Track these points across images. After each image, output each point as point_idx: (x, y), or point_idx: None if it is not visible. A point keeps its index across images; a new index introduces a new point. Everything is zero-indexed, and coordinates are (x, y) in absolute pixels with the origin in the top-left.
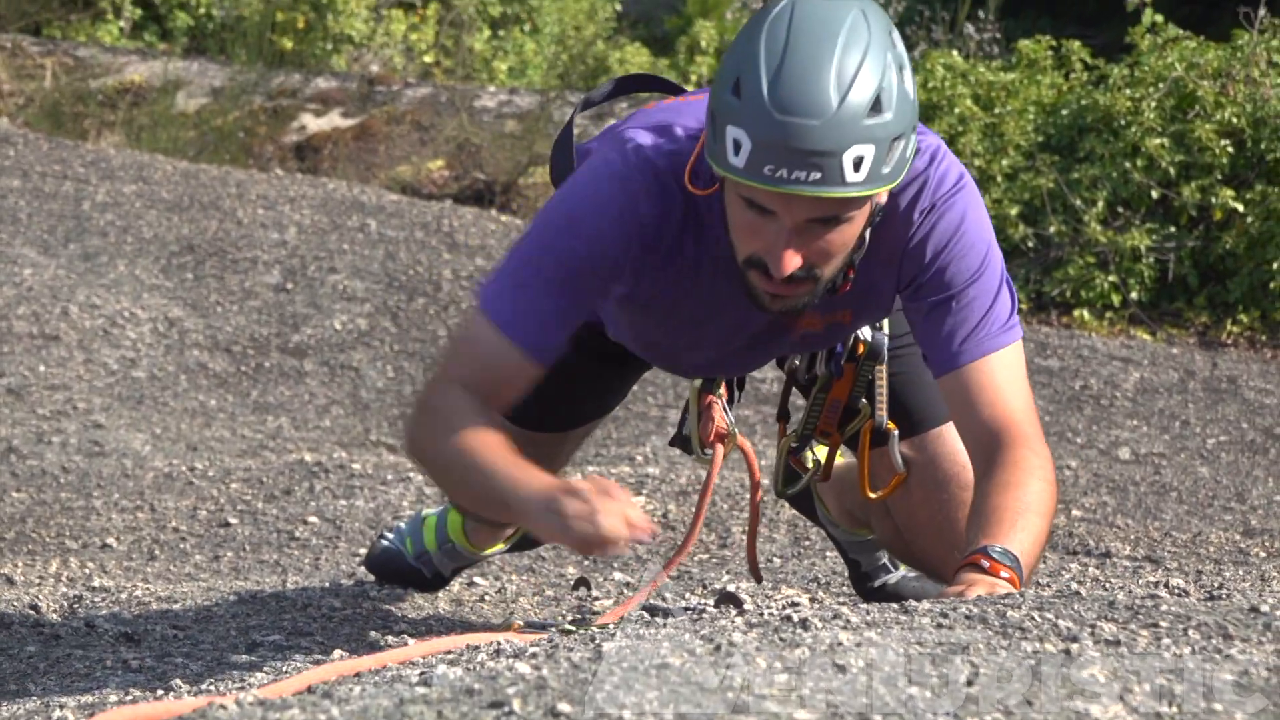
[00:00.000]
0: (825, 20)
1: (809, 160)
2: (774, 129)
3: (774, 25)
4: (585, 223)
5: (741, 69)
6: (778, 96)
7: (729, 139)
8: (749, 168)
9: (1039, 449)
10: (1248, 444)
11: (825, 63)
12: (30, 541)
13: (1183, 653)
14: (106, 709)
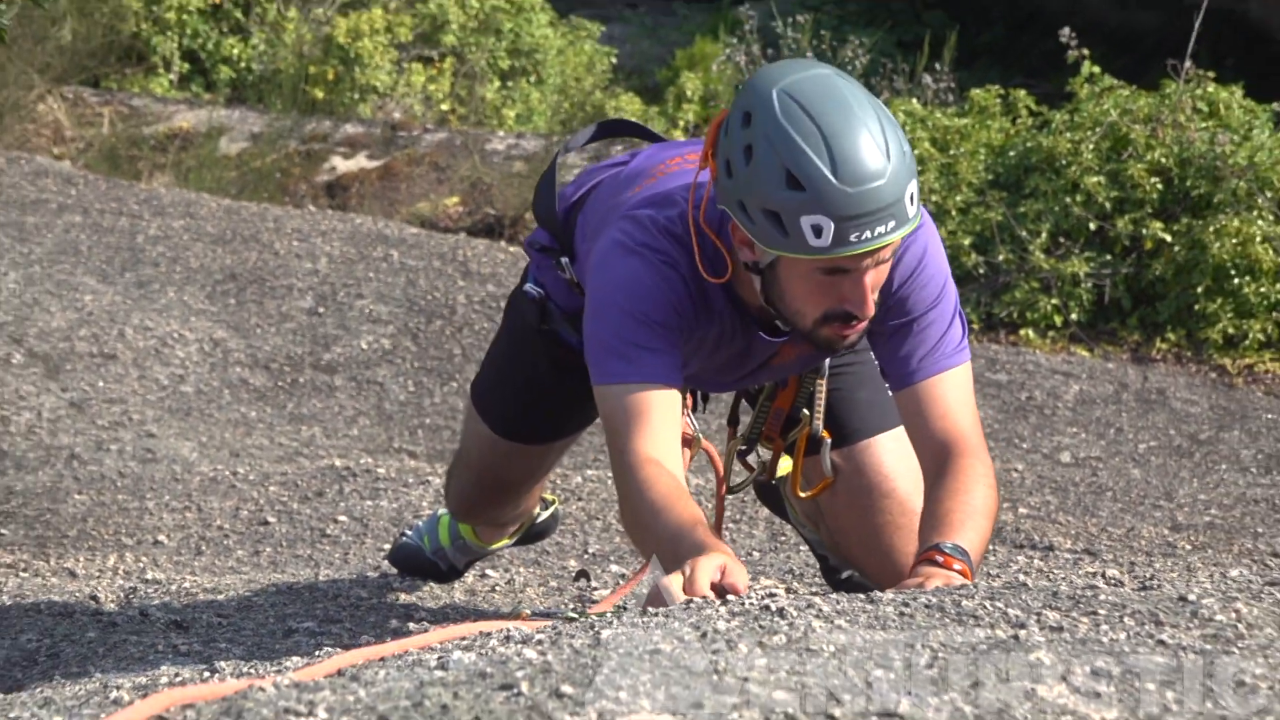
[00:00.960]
0: (826, 91)
1: (886, 214)
2: (852, 203)
3: (788, 113)
4: (638, 292)
5: (790, 162)
6: (844, 174)
7: (805, 227)
8: (836, 243)
9: (983, 458)
10: (1175, 449)
11: (859, 127)
12: (90, 538)
13: (1119, 637)
14: (158, 690)
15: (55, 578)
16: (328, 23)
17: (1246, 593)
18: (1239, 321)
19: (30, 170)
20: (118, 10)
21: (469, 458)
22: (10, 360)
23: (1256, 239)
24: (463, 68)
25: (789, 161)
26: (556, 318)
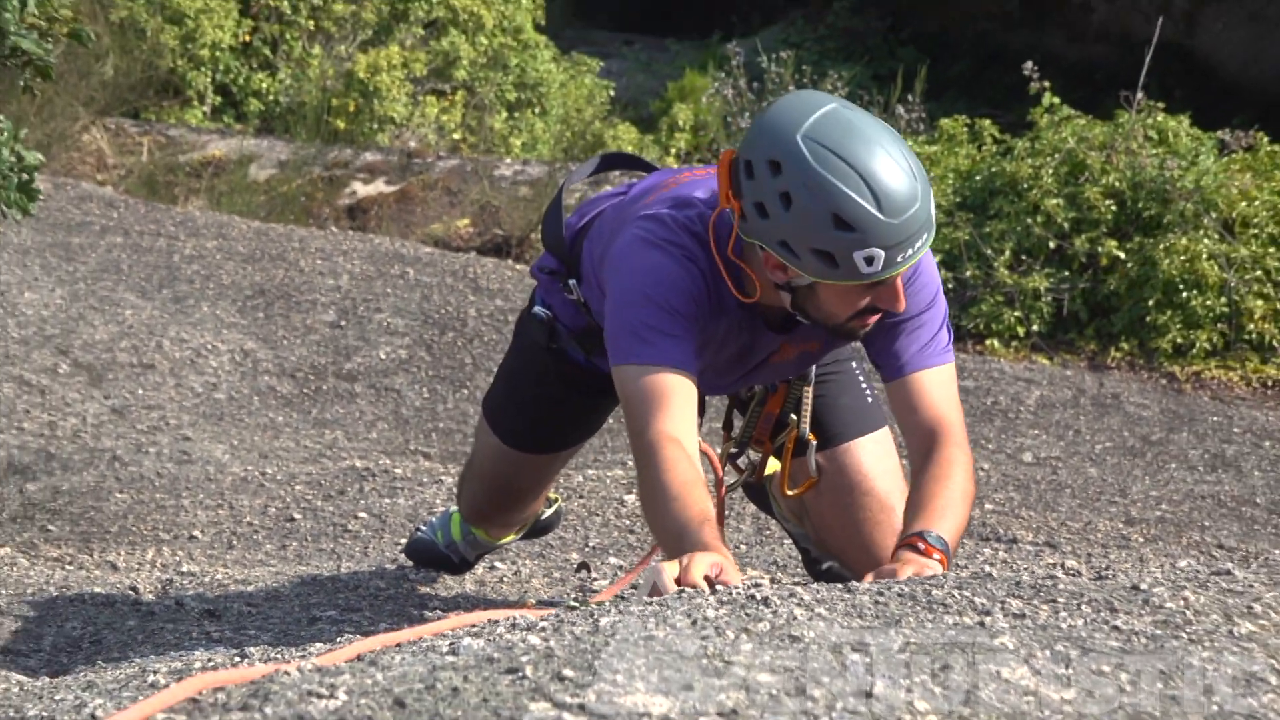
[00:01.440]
0: (849, 130)
1: (924, 229)
2: (899, 230)
3: (823, 161)
4: (662, 280)
5: (834, 207)
6: (888, 208)
7: (858, 259)
8: (887, 266)
9: (965, 448)
10: (1129, 449)
11: (886, 159)
12: (131, 534)
13: (1077, 623)
14: (192, 674)
15: (98, 570)
16: (349, 59)
17: (1194, 582)
18: (1187, 332)
19: (76, 195)
20: (156, 48)
21: (480, 467)
22: (57, 370)
23: (1203, 256)
24: (473, 100)
25: (835, 207)
26: (564, 337)
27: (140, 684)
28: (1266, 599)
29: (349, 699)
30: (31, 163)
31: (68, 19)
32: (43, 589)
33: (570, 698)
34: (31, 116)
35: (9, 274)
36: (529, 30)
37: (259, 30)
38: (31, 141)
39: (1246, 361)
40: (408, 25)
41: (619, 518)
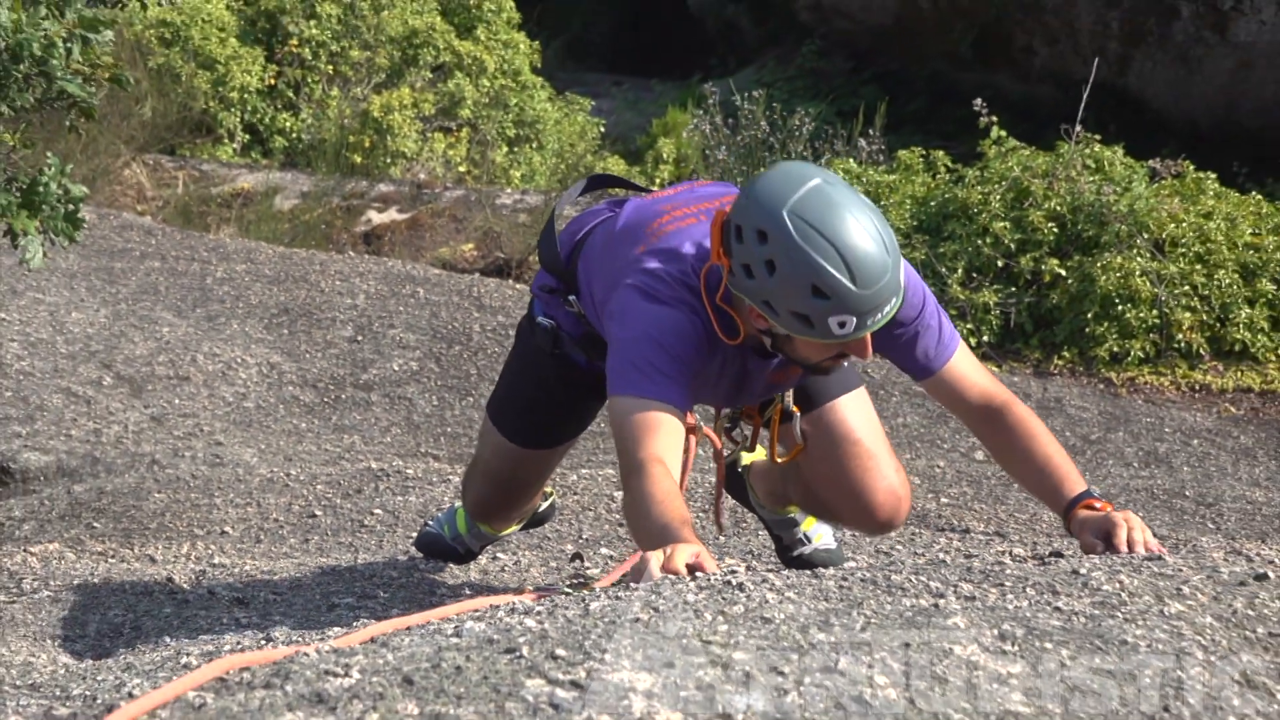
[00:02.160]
0: (829, 206)
1: (892, 295)
2: (870, 300)
3: (805, 236)
4: (666, 328)
5: (813, 278)
6: (861, 280)
7: (832, 323)
8: (858, 329)
9: (1018, 401)
10: (1070, 447)
11: (862, 234)
12: (168, 530)
13: (1022, 605)
14: (221, 656)
15: (138, 563)
16: (364, 100)
17: (1129, 567)
18: (1122, 341)
19: (118, 224)
20: (190, 91)
21: (486, 466)
22: (101, 382)
23: (1136, 273)
24: (476, 136)
25: (813, 278)
26: (568, 343)
27: (174, 665)
28: (1194, 581)
29: (362, 677)
30: (77, 195)
31: (109, 65)
32: (88, 580)
33: (563, 675)
34: (78, 154)
35: (57, 295)
36: (527, 73)
37: (283, 74)
38: (78, 176)
39: (1176, 368)
40: (417, 69)
41: (609, 512)
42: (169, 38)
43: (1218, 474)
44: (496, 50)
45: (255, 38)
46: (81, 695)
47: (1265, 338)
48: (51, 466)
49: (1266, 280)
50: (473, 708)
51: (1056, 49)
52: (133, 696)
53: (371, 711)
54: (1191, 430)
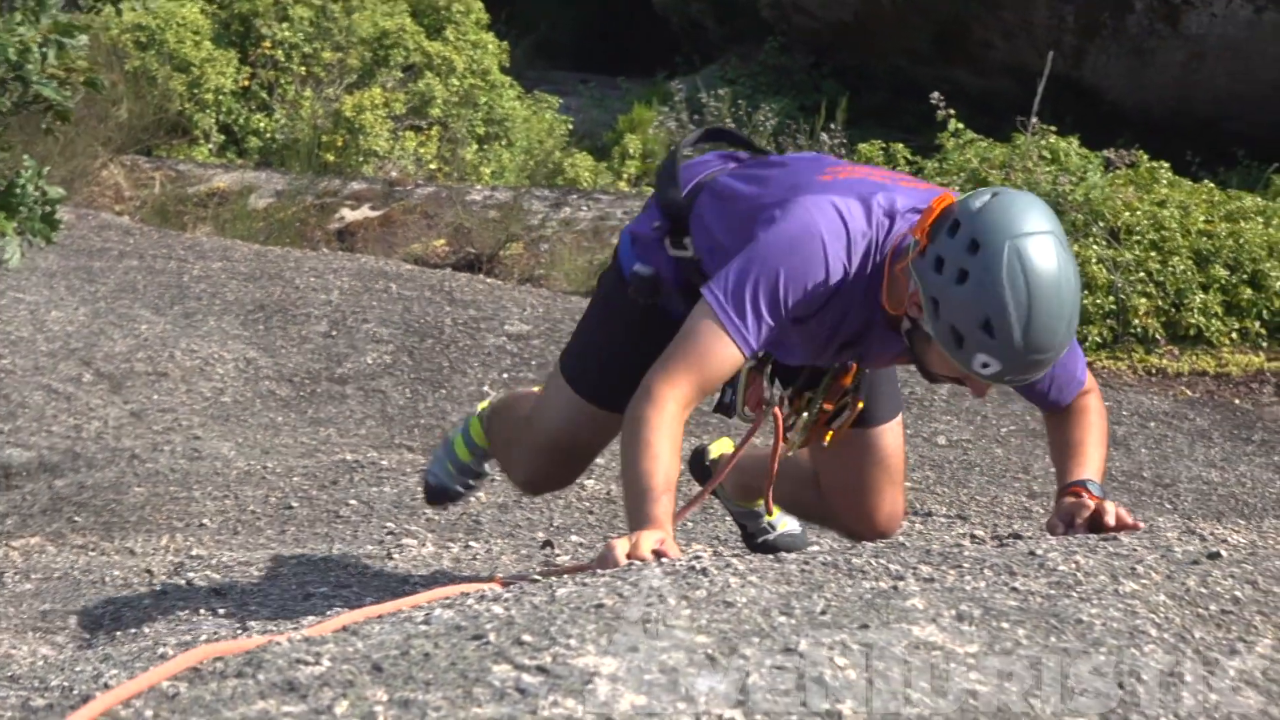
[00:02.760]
0: (1048, 263)
1: (1043, 369)
2: (1025, 365)
3: (1012, 272)
4: (805, 269)
5: (991, 312)
6: (1030, 343)
7: (979, 359)
8: (995, 377)
9: (1098, 392)
10: (1030, 431)
11: (1057, 306)
12: (147, 523)
13: (979, 585)
14: (198, 645)
15: (118, 555)
16: (336, 100)
17: (1085, 547)
18: (1080, 327)
19: (96, 224)
20: (165, 93)
21: (550, 434)
22: (81, 379)
23: (1092, 260)
24: (447, 134)
25: (991, 313)
26: (666, 291)
27: (152, 656)
28: (1148, 561)
29: (333, 665)
30: (54, 196)
31: (84, 69)
32: (68, 573)
33: (529, 660)
34: (56, 156)
35: (37, 295)
36: (496, 72)
37: (256, 76)
38: (56, 178)
39: (1133, 352)
40: (388, 70)
41: (580, 500)
42: (144, 41)
43: (1174, 455)
44: (465, 50)
45: (229, 40)
46: (59, 686)
47: (1219, 322)
48: (33, 462)
49: (1220, 266)
50: (440, 693)
51: (1013, 43)
52: (109, 687)
53: (341, 699)
54: (1148, 413)
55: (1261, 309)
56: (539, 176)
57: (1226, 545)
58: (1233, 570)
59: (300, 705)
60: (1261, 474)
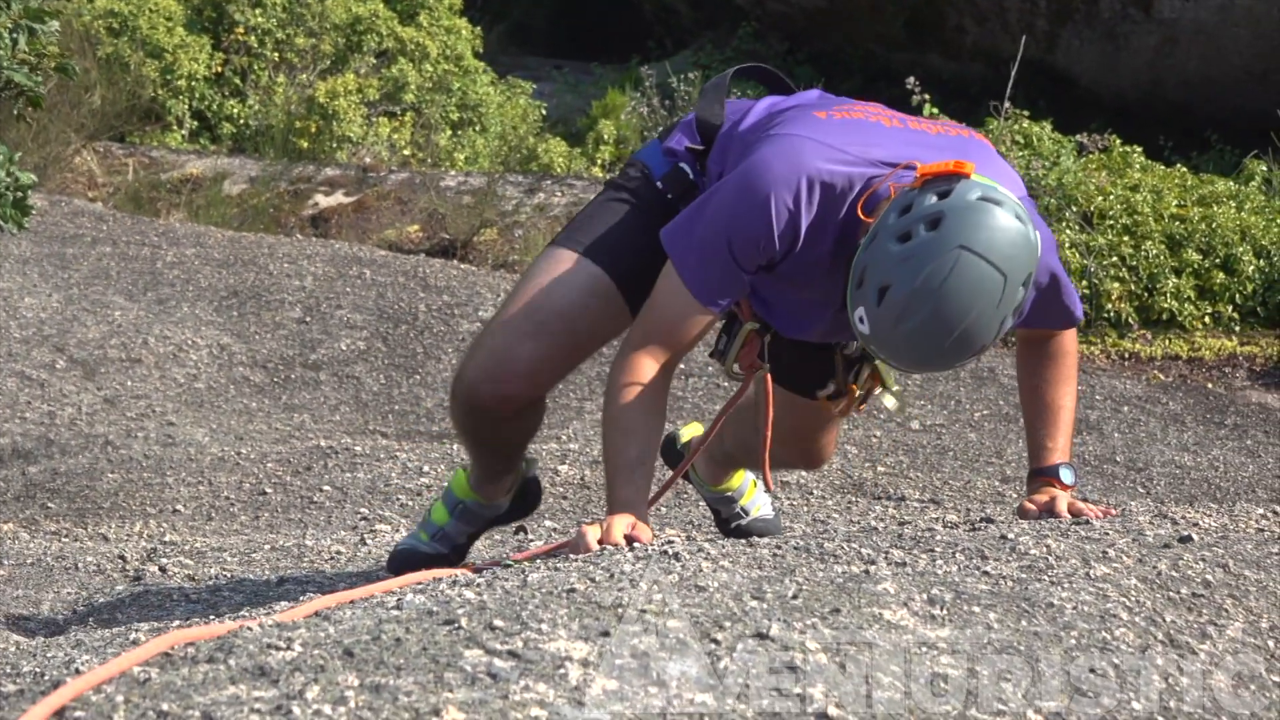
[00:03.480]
0: (975, 296)
1: (922, 372)
2: (890, 348)
3: (938, 271)
4: (756, 215)
5: (895, 282)
6: (901, 334)
7: (859, 310)
8: (860, 336)
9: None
10: (1003, 416)
11: (946, 336)
12: (121, 509)
13: (951, 570)
14: (170, 630)
15: (91, 542)
16: (310, 86)
17: (1056, 531)
18: None
19: (69, 211)
20: (138, 79)
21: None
22: (55, 366)
23: (1065, 245)
24: (420, 120)
25: (895, 283)
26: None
27: (124, 642)
28: (1120, 545)
29: (304, 650)
30: (25, 182)
31: (55, 55)
32: (41, 559)
33: (500, 645)
34: (29, 142)
35: (10, 281)
36: (469, 58)
37: (230, 62)
38: (29, 164)
39: (1106, 337)
40: (361, 55)
41: (554, 485)
42: (117, 27)
43: (1147, 439)
44: (439, 36)
45: (202, 26)
46: (31, 672)
47: (1192, 306)
48: (6, 449)
49: (1192, 250)
50: (412, 678)
51: (986, 28)
52: (80, 673)
53: (313, 684)
54: (1121, 397)
55: (1234, 293)
56: (513, 162)
57: (1198, 529)
58: (1204, 554)
59: (271, 690)
60: (1234, 458)
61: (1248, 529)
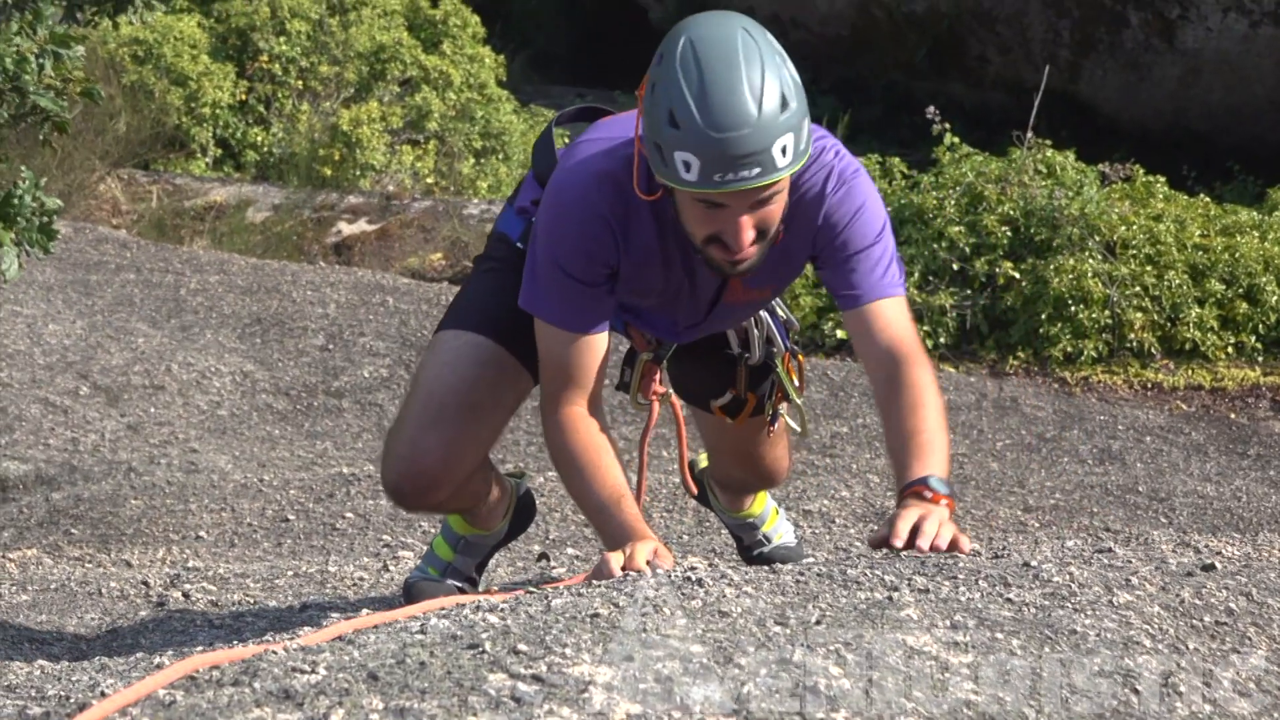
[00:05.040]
0: (722, 44)
1: (747, 161)
2: (714, 145)
3: (684, 59)
4: (569, 229)
5: (672, 103)
6: (710, 119)
7: (678, 162)
8: (702, 180)
9: (926, 365)
10: (1025, 445)
11: (738, 81)
12: (144, 535)
13: (974, 596)
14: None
15: (114, 568)
16: (333, 114)
17: (1079, 559)
18: (1076, 341)
19: (93, 238)
20: (163, 107)
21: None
22: (79, 392)
23: (1088, 274)
24: (443, 148)
25: (671, 102)
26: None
27: (148, 665)
28: (1142, 572)
29: (328, 673)
30: (51, 207)
31: (80, 80)
32: (65, 585)
33: (524, 669)
34: (54, 169)
35: (35, 308)
36: (492, 86)
37: (254, 90)
38: (54, 191)
39: (1128, 367)
40: (385, 84)
41: (575, 513)
42: (142, 55)
43: (1170, 470)
44: (462, 64)
45: (226, 54)
46: (56, 695)
47: (1215, 336)
48: (30, 475)
49: (1215, 280)
50: (436, 702)
51: (1009, 57)
52: (105, 695)
53: (337, 707)
54: (1144, 427)
55: (1257, 323)
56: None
57: (1221, 558)
58: (1227, 582)
59: (296, 713)
60: (1257, 488)
61: (1271, 558)
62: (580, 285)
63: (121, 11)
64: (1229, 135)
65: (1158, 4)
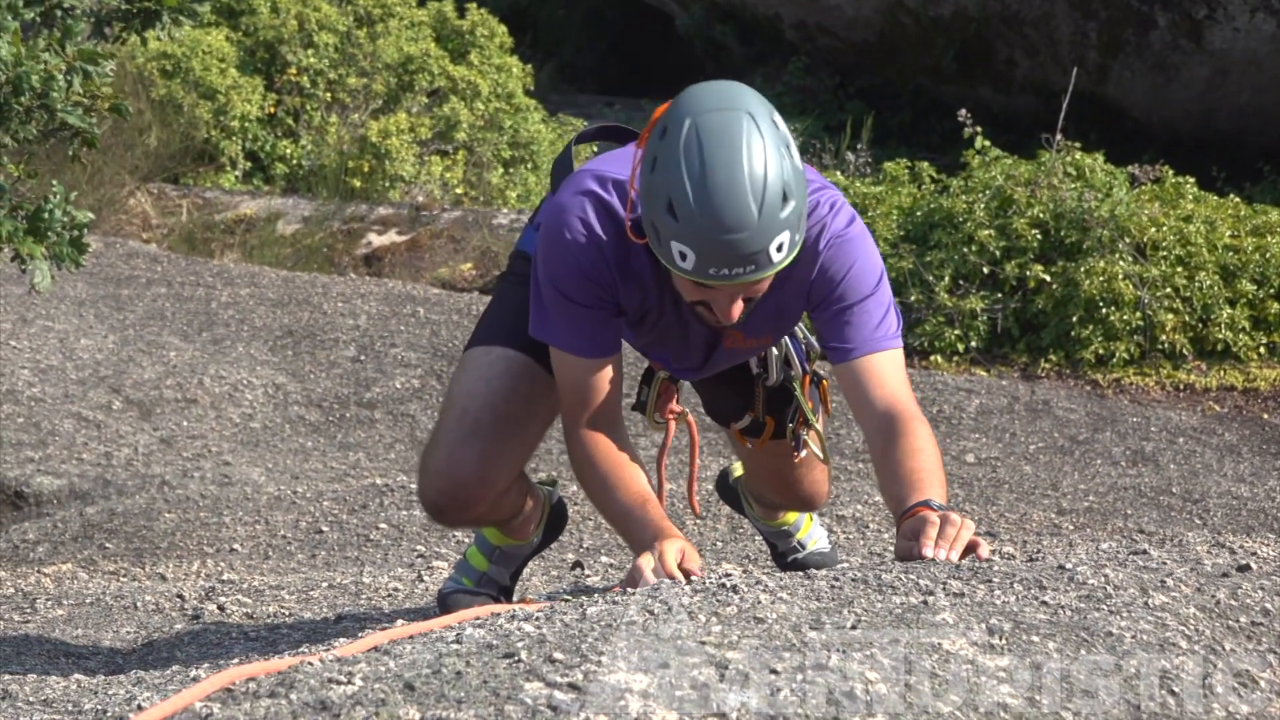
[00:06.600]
0: (726, 133)
1: (744, 260)
2: (711, 245)
3: (687, 146)
4: (568, 253)
5: (671, 193)
6: (709, 219)
7: (674, 250)
8: (696, 271)
9: (922, 419)
10: (1059, 448)
11: (739, 180)
12: (178, 548)
13: (1009, 600)
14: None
15: (149, 581)
16: (362, 126)
17: (1114, 561)
18: (1107, 344)
19: (124, 252)
20: (192, 121)
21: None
22: (111, 406)
23: (1119, 276)
24: (472, 158)
25: (671, 192)
26: None
27: (184, 678)
28: (1178, 574)
29: (364, 684)
30: (81, 220)
31: (109, 96)
32: (100, 599)
33: (560, 678)
34: (84, 184)
35: (66, 323)
36: (520, 96)
37: (282, 103)
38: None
39: (1160, 368)
40: (413, 95)
41: (605, 526)
42: (170, 69)
43: (1203, 471)
44: (490, 74)
45: (254, 68)
46: (93, 709)
47: (1246, 337)
48: (64, 490)
49: (1246, 281)
50: (473, 711)
51: (1037, 60)
52: (141, 709)
53: (374, 717)
54: (1177, 429)
55: None
56: None
57: (1256, 558)
58: (1262, 583)
59: None
60: None
61: None
62: (585, 310)
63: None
64: (1259, 136)
65: (1185, 4)
